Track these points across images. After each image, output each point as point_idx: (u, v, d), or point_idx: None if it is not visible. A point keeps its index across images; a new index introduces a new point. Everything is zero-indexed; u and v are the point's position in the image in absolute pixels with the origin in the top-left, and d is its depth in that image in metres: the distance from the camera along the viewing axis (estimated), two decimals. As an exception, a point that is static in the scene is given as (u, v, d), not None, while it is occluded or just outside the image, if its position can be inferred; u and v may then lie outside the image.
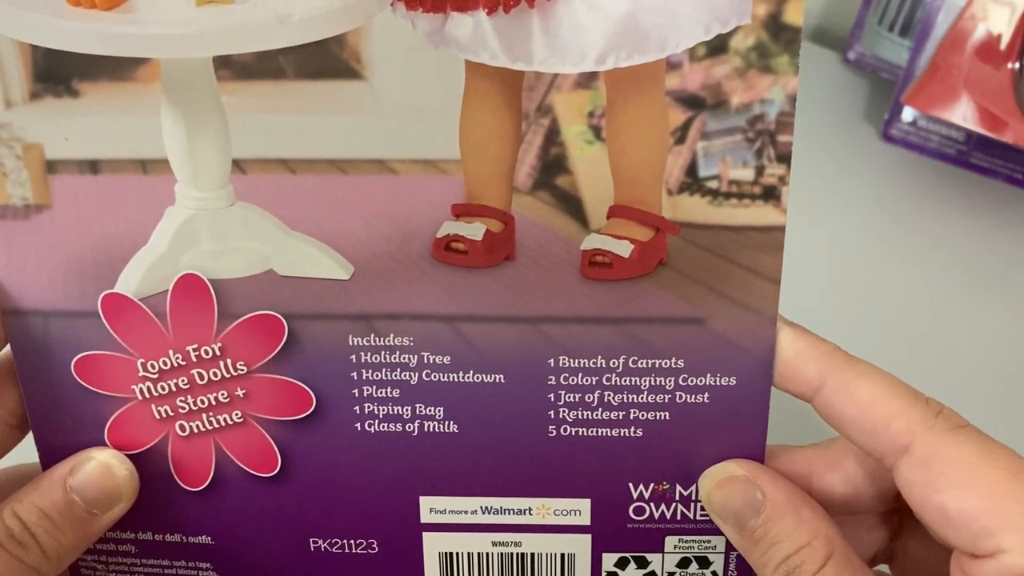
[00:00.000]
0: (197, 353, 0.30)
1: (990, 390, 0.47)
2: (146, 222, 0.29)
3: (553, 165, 0.28)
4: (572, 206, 0.29)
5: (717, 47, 0.27)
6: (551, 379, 0.30)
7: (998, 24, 0.51)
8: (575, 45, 0.26)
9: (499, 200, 0.29)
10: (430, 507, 0.32)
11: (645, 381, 0.30)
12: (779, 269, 0.28)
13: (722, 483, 0.30)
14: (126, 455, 0.31)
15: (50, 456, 0.31)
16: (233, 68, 0.27)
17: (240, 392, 0.31)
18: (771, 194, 0.28)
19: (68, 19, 0.27)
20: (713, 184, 0.28)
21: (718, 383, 0.30)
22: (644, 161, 0.28)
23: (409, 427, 0.31)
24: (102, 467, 0.30)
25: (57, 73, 0.28)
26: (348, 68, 0.27)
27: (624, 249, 0.28)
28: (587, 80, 0.27)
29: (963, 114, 0.51)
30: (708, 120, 0.27)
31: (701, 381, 0.30)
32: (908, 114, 0.56)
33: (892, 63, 0.60)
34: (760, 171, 0.28)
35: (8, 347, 0.31)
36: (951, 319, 0.51)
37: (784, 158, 0.27)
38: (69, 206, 0.29)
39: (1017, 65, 0.51)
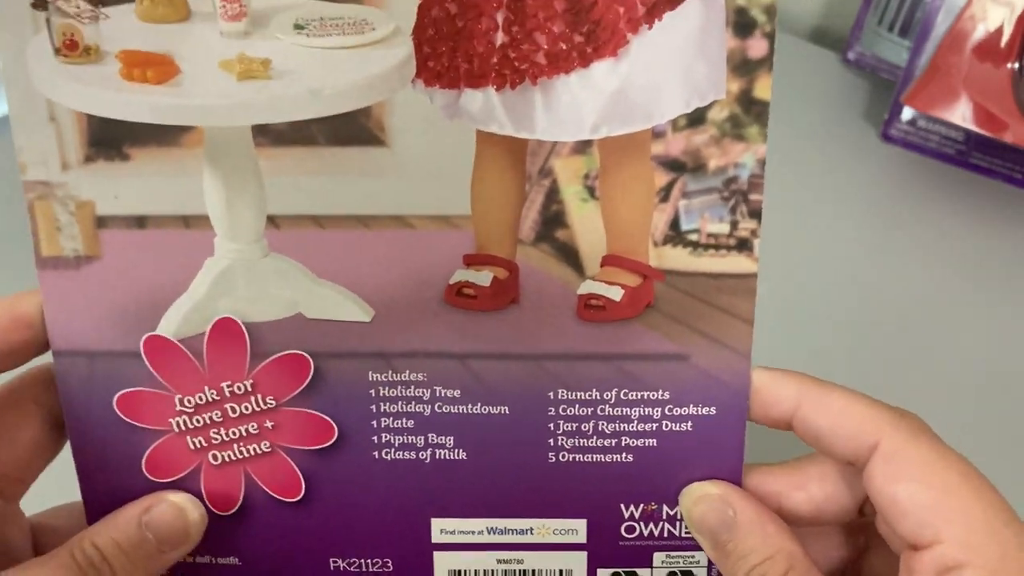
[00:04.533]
0: (231, 389, 0.33)
1: (991, 388, 0.48)
2: (187, 271, 0.32)
3: (553, 220, 0.32)
4: (570, 256, 0.32)
5: (696, 118, 0.30)
6: (551, 410, 0.33)
7: (997, 24, 0.50)
8: (572, 117, 0.30)
9: (505, 251, 0.32)
10: (440, 528, 0.35)
11: (635, 411, 0.33)
12: (752, 311, 0.32)
13: (698, 501, 0.33)
14: (161, 482, 0.34)
15: (90, 485, 0.34)
16: (270, 135, 0.31)
17: (269, 424, 0.34)
18: (744, 245, 0.32)
19: (123, 92, 0.30)
20: (694, 237, 0.32)
21: (700, 413, 0.33)
22: (633, 217, 0.31)
23: (422, 455, 0.34)
24: (176, 509, 0.33)
25: (110, 139, 0.31)
26: (373, 136, 0.31)
27: (616, 294, 0.32)
28: (583, 147, 0.31)
29: (962, 114, 0.51)
30: (689, 181, 0.31)
31: (685, 411, 0.33)
32: (907, 114, 0.55)
33: (892, 63, 0.59)
34: (735, 225, 0.31)
35: (47, 359, 0.33)
36: (951, 317, 0.51)
37: (755, 214, 0.31)
38: (117, 257, 0.32)
39: (1016, 65, 0.51)
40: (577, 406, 0.33)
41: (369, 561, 0.36)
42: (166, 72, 0.30)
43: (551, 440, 0.34)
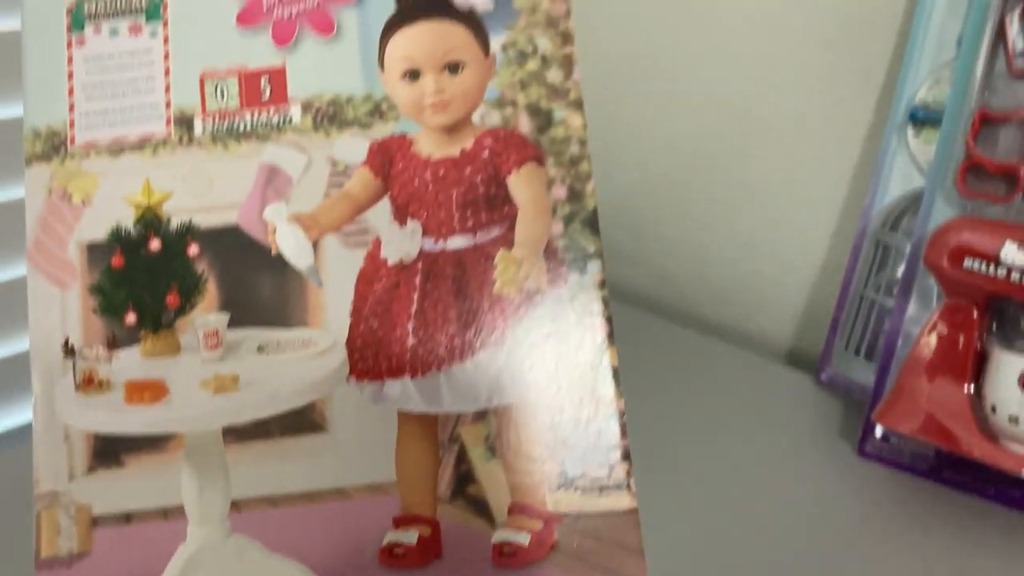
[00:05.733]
0: (191, 668, 0.37)
1: None
2: (163, 558, 0.38)
3: (464, 478, 0.39)
4: (481, 508, 0.38)
5: (566, 385, 0.39)
6: (480, 661, 0.37)
7: (950, 348, 0.53)
8: (470, 393, 0.39)
9: (427, 509, 0.38)
10: None
11: None
12: (640, 542, 0.37)
13: None
14: None
15: None
16: (235, 433, 0.39)
17: None
18: (622, 486, 0.38)
19: (124, 413, 0.39)
20: (581, 482, 0.38)
21: (615, 649, 0.37)
22: (528, 467, 0.39)
23: None
24: None
25: (111, 450, 0.39)
26: (316, 424, 0.39)
27: (524, 538, 0.38)
28: (481, 415, 0.39)
29: (928, 432, 0.53)
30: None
31: None
32: (881, 430, 0.57)
33: (861, 384, 0.63)
34: (612, 469, 0.38)
35: None
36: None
37: (626, 456, 0.38)
38: (106, 552, 0.38)
39: (972, 388, 0.53)
40: (504, 654, 0.37)
41: None
42: (158, 393, 0.40)
43: None
